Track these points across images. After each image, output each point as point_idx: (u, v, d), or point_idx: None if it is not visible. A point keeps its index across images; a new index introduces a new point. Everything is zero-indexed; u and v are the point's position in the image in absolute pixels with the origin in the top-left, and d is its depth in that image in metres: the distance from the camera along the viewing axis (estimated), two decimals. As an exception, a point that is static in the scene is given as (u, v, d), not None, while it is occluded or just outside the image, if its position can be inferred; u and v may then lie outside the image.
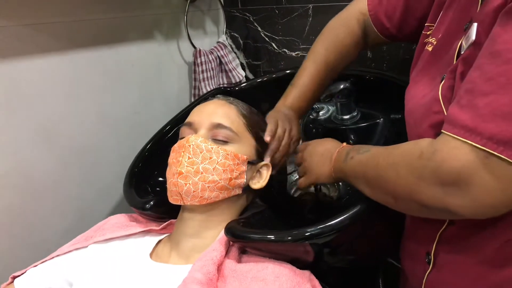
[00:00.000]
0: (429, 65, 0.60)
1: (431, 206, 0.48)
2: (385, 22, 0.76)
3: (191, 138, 0.69)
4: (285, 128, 0.79)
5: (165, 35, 1.17)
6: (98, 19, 0.97)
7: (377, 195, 0.59)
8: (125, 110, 1.08)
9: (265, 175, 0.74)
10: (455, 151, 0.43)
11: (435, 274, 0.61)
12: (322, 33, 0.85)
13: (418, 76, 0.61)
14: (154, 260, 0.68)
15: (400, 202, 0.54)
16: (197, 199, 0.67)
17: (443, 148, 0.45)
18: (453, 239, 0.58)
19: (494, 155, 0.40)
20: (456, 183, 0.43)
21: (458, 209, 0.45)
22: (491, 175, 0.41)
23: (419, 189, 0.48)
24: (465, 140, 0.42)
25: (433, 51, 0.60)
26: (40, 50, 0.87)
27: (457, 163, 0.43)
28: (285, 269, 0.60)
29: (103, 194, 1.05)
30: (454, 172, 0.43)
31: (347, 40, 0.81)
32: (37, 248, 0.90)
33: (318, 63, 0.82)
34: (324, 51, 0.82)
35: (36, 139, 0.88)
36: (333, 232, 0.60)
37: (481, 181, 0.42)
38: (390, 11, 0.75)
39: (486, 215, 0.45)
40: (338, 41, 0.82)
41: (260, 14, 1.24)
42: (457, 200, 0.44)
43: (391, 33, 0.77)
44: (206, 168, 0.66)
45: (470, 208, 0.44)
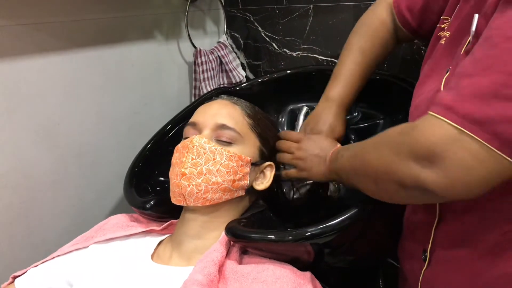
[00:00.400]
0: (441, 58, 0.59)
1: (407, 183, 0.48)
2: (408, 16, 0.75)
3: (195, 139, 0.68)
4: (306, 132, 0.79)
5: (166, 35, 1.17)
6: (98, 18, 0.97)
7: (362, 182, 0.60)
8: (125, 110, 1.08)
9: (268, 176, 0.74)
10: (432, 127, 0.45)
11: (431, 271, 0.61)
12: (356, 26, 0.83)
13: (430, 71, 0.61)
14: (155, 261, 0.68)
15: (381, 185, 0.55)
16: (200, 200, 0.66)
17: (422, 124, 0.46)
18: (447, 235, 0.58)
19: (467, 134, 0.41)
20: (431, 157, 0.44)
21: (432, 185, 0.45)
22: (463, 151, 0.42)
23: (396, 166, 0.49)
24: (442, 118, 0.43)
25: (446, 44, 0.59)
26: (40, 49, 0.87)
27: (432, 138, 0.44)
28: (286, 271, 0.60)
29: (104, 194, 1.05)
30: (429, 146, 0.44)
31: (382, 31, 0.79)
32: (37, 248, 0.90)
33: (355, 54, 0.80)
34: (360, 42, 0.80)
35: (36, 138, 0.88)
36: (334, 232, 0.60)
37: (453, 156, 0.43)
38: (411, 5, 0.74)
39: (459, 194, 0.45)
40: (373, 31, 0.80)
41: (260, 14, 1.24)
42: (431, 176, 0.45)
43: (413, 28, 0.75)
44: (209, 170, 0.66)
45: (443, 184, 0.44)
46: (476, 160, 0.42)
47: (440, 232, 0.59)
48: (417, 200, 0.54)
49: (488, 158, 0.41)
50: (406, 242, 0.69)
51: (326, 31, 1.12)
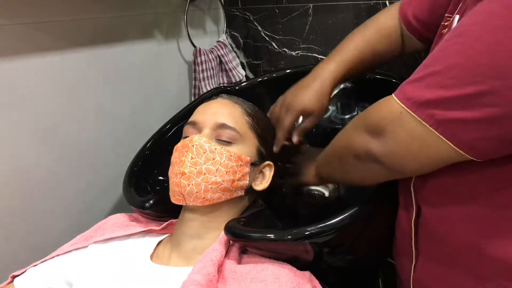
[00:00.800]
0: None
1: (360, 153, 0.55)
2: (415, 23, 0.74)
3: (195, 138, 0.68)
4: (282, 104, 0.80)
5: (165, 34, 1.16)
6: (97, 18, 0.97)
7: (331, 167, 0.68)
8: (125, 109, 1.08)
9: (268, 176, 0.74)
10: (384, 104, 0.52)
11: (419, 267, 0.61)
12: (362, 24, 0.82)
13: None
14: (155, 262, 0.68)
15: (343, 162, 0.62)
16: (200, 200, 0.66)
17: (379, 102, 0.53)
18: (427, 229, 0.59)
19: (408, 112, 0.47)
20: (377, 129, 0.52)
21: (377, 154, 0.52)
22: (401, 128, 0.49)
23: (353, 138, 0.57)
24: (394, 97, 0.50)
25: None
26: (39, 49, 0.86)
27: (380, 113, 0.52)
28: (285, 270, 0.60)
29: (103, 193, 1.05)
30: (377, 119, 0.52)
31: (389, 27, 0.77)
32: (36, 247, 0.90)
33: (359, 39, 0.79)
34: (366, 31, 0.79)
35: (35, 138, 0.88)
36: (333, 231, 0.60)
37: (392, 130, 0.50)
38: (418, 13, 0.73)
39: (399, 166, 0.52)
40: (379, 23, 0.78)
41: (260, 13, 1.24)
42: (377, 145, 0.52)
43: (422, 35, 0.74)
44: (209, 169, 0.66)
45: (386, 155, 0.52)
46: (410, 136, 0.48)
47: (421, 226, 0.60)
48: (371, 173, 0.58)
49: (422, 135, 0.47)
50: (397, 239, 0.69)
51: (326, 30, 1.12)
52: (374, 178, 0.59)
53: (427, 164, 0.50)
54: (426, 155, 0.48)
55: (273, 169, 0.75)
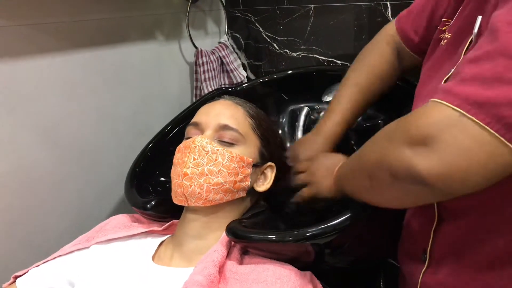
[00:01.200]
0: (442, 59, 0.59)
1: (399, 171, 0.45)
2: (414, 37, 0.74)
3: (197, 139, 0.68)
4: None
5: (167, 35, 1.17)
6: (99, 19, 0.97)
7: (358, 184, 0.59)
8: (126, 110, 1.08)
9: (269, 177, 0.74)
10: (430, 110, 0.43)
11: (430, 273, 0.61)
12: (354, 62, 0.84)
13: (430, 72, 0.61)
14: (156, 262, 0.68)
15: (374, 180, 0.52)
16: (202, 201, 0.67)
17: (420, 109, 0.44)
18: (446, 237, 0.58)
19: (467, 116, 0.39)
20: (426, 140, 0.42)
21: (425, 171, 0.42)
22: (462, 133, 0.40)
23: (389, 152, 0.47)
24: (441, 101, 0.42)
25: (447, 46, 0.59)
26: (41, 50, 0.87)
27: (429, 120, 0.42)
28: (286, 271, 0.60)
29: (105, 194, 1.05)
30: (425, 128, 0.42)
31: (380, 64, 0.80)
32: (38, 248, 0.90)
33: (351, 89, 0.81)
34: (357, 77, 0.81)
35: (37, 139, 0.88)
36: (334, 232, 0.60)
37: (451, 138, 0.40)
38: (416, 26, 0.73)
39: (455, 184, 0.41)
40: (371, 66, 0.81)
41: (261, 14, 1.24)
42: (424, 161, 0.42)
43: (421, 48, 0.74)
44: (211, 170, 0.66)
45: (437, 170, 0.41)
46: (476, 143, 0.39)
47: (439, 234, 0.59)
48: (411, 196, 0.49)
49: (488, 141, 0.39)
50: (406, 244, 0.69)
51: (327, 31, 1.12)
52: (414, 202, 0.53)
53: (494, 176, 0.41)
54: (495, 165, 0.40)
55: (275, 170, 0.75)
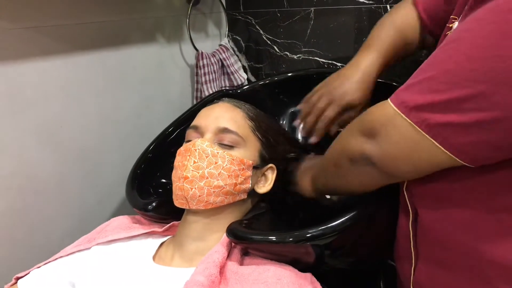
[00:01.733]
0: None
1: (356, 155, 0.56)
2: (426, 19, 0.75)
3: (197, 142, 0.69)
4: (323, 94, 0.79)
5: (167, 38, 1.17)
6: (100, 21, 0.98)
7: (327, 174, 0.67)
8: (127, 113, 1.09)
9: (270, 179, 0.75)
10: (379, 107, 0.53)
11: (419, 270, 0.62)
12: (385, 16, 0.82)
13: None
14: (157, 262, 0.68)
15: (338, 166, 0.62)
16: (203, 203, 0.67)
17: (375, 106, 0.55)
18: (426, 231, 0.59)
19: (401, 116, 0.48)
20: (371, 131, 0.53)
21: (373, 155, 0.53)
22: (394, 130, 0.50)
23: (348, 141, 0.58)
24: (389, 101, 0.51)
25: None
26: (43, 52, 0.87)
27: (374, 116, 0.54)
28: (286, 272, 0.60)
29: (106, 195, 1.05)
30: (371, 121, 0.54)
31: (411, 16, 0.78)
32: (40, 249, 0.91)
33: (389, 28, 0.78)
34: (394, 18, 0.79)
35: (39, 141, 0.89)
36: (335, 234, 0.60)
37: (386, 132, 0.51)
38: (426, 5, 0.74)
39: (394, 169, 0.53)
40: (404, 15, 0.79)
41: (262, 17, 1.24)
42: (371, 147, 0.53)
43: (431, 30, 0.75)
44: (211, 173, 0.67)
45: (380, 156, 0.53)
46: (403, 138, 0.49)
47: (418, 228, 0.60)
48: (366, 176, 0.58)
49: (415, 138, 0.48)
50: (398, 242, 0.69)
51: (327, 34, 1.13)
52: (370, 183, 0.59)
53: (420, 167, 0.51)
54: (419, 158, 0.49)
55: (276, 172, 0.75)
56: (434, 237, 0.58)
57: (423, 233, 0.60)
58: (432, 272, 0.59)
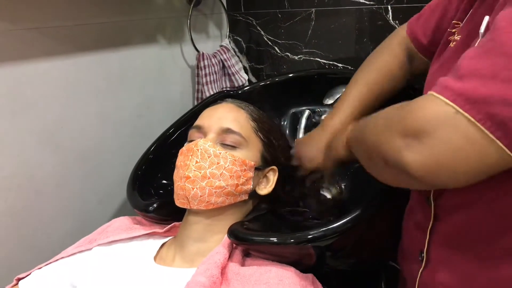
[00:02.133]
0: (450, 60, 0.59)
1: (389, 159, 0.46)
2: (423, 39, 0.74)
3: (200, 143, 0.69)
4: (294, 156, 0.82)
5: (168, 39, 1.17)
6: (101, 22, 0.98)
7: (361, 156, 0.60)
8: (128, 113, 1.09)
9: (271, 180, 0.75)
10: (426, 103, 0.43)
11: (428, 272, 0.61)
12: (364, 62, 0.82)
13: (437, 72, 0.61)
14: (158, 263, 0.68)
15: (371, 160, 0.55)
16: (204, 204, 0.67)
17: (418, 100, 0.44)
18: (442, 236, 0.58)
19: (461, 114, 0.39)
20: (418, 133, 0.42)
21: (411, 164, 0.43)
22: (455, 132, 0.40)
23: (384, 140, 0.48)
24: (438, 95, 0.42)
25: (456, 47, 0.59)
26: (44, 53, 0.87)
27: (424, 113, 0.42)
28: (288, 273, 0.60)
29: (107, 196, 1.05)
30: (418, 121, 0.43)
31: (390, 63, 0.79)
32: (41, 250, 0.90)
33: (359, 87, 0.79)
34: (366, 76, 0.80)
35: (40, 141, 0.89)
36: (336, 235, 0.60)
37: (443, 134, 0.40)
38: (425, 28, 0.73)
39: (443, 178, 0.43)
40: (380, 65, 0.79)
41: (263, 18, 1.24)
42: (412, 153, 0.43)
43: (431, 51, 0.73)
44: (213, 173, 0.67)
45: (425, 164, 0.42)
46: (466, 140, 0.40)
47: (436, 232, 0.59)
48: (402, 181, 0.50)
49: (478, 141, 0.39)
50: (404, 243, 0.69)
51: (328, 34, 1.13)
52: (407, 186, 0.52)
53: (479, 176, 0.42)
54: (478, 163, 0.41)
55: (277, 173, 0.75)
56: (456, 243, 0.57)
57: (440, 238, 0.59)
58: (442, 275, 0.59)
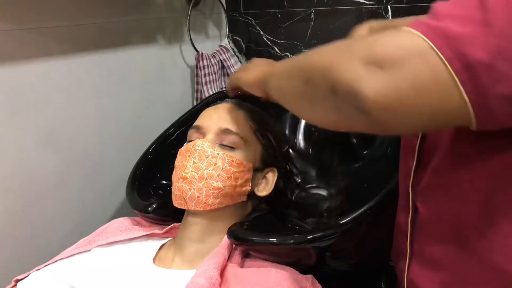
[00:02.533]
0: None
1: (341, 86, 0.40)
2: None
3: (198, 143, 0.69)
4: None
5: (168, 39, 1.17)
6: (101, 23, 0.98)
7: (289, 84, 0.52)
8: (128, 114, 1.08)
9: (271, 181, 0.74)
10: (400, 34, 0.39)
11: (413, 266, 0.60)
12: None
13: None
14: (157, 265, 0.68)
15: (310, 85, 0.47)
16: (201, 204, 0.67)
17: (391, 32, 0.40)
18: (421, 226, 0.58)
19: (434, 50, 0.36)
20: (384, 62, 0.38)
21: (369, 92, 0.38)
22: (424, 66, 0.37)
23: (340, 62, 0.42)
24: (413, 30, 0.38)
25: None
26: (44, 53, 0.87)
27: (396, 42, 0.39)
28: (287, 274, 0.60)
29: (106, 197, 1.05)
30: (389, 49, 0.39)
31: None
32: (40, 251, 0.90)
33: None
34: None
35: (39, 142, 0.89)
36: (335, 235, 0.60)
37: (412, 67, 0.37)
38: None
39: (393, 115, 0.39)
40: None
41: (262, 18, 1.24)
42: (374, 82, 0.38)
43: None
44: (210, 174, 0.66)
45: (383, 96, 0.38)
46: (433, 78, 0.37)
47: (417, 225, 0.59)
48: (340, 116, 0.44)
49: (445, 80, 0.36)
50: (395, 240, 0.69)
51: (328, 35, 1.13)
52: (341, 123, 0.47)
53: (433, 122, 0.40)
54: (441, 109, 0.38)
55: (277, 174, 0.75)
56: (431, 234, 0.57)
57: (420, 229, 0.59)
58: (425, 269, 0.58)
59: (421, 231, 0.59)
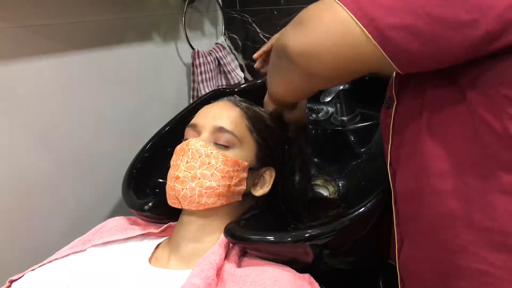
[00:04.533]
0: None
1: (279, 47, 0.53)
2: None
3: (191, 142, 0.68)
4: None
5: (163, 37, 1.16)
6: (96, 20, 0.97)
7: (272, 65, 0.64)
8: (123, 112, 1.08)
9: (268, 181, 0.73)
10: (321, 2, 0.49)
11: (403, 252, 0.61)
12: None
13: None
14: (153, 264, 0.67)
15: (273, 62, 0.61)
16: (194, 204, 0.66)
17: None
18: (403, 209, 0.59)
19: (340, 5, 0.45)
20: (305, 19, 0.50)
21: (291, 46, 0.50)
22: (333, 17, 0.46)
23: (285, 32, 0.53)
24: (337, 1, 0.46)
25: None
26: (38, 52, 0.86)
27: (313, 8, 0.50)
28: (284, 273, 0.60)
29: (102, 196, 1.05)
30: (310, 10, 0.50)
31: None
32: (34, 251, 0.90)
33: None
34: None
35: (34, 141, 0.88)
36: (333, 233, 0.60)
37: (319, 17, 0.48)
38: None
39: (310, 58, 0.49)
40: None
41: (258, 15, 1.24)
42: (295, 36, 0.50)
43: None
44: (204, 174, 0.66)
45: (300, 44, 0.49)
46: (333, 20, 0.46)
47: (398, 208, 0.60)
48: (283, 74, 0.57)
49: (343, 20, 0.45)
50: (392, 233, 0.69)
51: (325, 31, 1.12)
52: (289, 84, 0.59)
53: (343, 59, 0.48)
54: (345, 46, 0.46)
55: (274, 173, 0.74)
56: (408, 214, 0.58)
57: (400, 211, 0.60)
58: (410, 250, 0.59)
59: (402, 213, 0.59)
